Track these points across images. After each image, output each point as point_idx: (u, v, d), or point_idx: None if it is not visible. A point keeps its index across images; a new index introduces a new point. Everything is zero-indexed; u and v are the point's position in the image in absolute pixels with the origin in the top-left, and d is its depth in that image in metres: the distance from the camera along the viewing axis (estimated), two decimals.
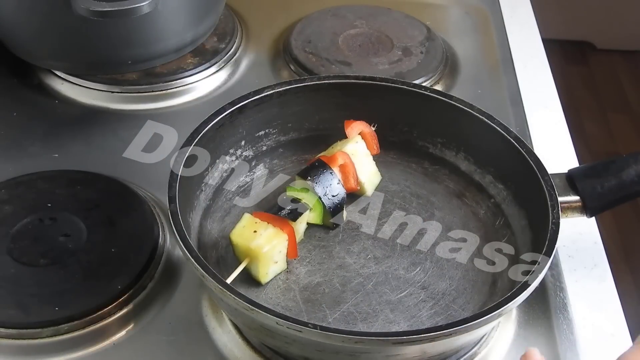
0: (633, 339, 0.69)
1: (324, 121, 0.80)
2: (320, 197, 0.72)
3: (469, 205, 0.77)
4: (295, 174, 0.75)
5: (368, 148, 0.78)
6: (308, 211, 0.71)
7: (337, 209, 0.73)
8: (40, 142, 0.85)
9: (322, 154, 0.77)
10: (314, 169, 0.73)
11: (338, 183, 0.73)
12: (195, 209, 0.71)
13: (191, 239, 0.63)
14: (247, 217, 0.69)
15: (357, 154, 0.76)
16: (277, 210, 0.70)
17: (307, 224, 0.72)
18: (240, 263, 0.67)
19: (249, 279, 0.68)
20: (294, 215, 0.69)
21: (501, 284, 0.69)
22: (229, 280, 0.63)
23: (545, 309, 0.71)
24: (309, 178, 0.72)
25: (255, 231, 0.67)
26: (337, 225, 0.73)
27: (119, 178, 0.78)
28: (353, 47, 1.00)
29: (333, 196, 0.73)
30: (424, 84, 0.94)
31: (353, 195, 0.76)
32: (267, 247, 0.66)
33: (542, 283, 0.71)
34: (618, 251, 2.05)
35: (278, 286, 0.68)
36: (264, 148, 0.79)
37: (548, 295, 0.72)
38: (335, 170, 0.74)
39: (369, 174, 0.77)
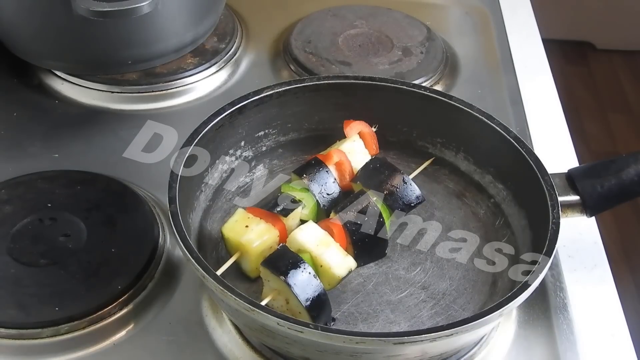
0: (633, 339, 0.69)
1: (324, 121, 0.80)
2: (314, 195, 0.72)
3: (469, 205, 0.77)
4: None
5: (367, 148, 0.78)
6: (301, 208, 0.71)
7: (331, 206, 0.73)
8: (40, 142, 0.85)
9: (320, 154, 0.77)
10: (310, 167, 0.73)
11: (334, 181, 0.73)
12: (195, 209, 0.71)
13: (191, 240, 0.63)
14: (240, 212, 0.69)
15: (354, 152, 0.76)
16: (272, 207, 0.70)
17: (300, 220, 0.72)
18: (230, 255, 0.68)
19: (251, 278, 0.68)
20: (286, 211, 0.69)
21: (501, 284, 0.69)
22: (219, 273, 0.63)
23: (545, 309, 0.71)
24: (305, 175, 0.73)
25: (247, 226, 0.67)
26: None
27: (119, 178, 0.78)
28: (353, 47, 1.00)
29: (328, 194, 0.73)
30: (424, 84, 0.94)
31: (348, 193, 0.76)
32: (257, 242, 0.66)
33: (542, 283, 0.71)
34: (618, 251, 2.05)
35: None
36: (264, 148, 0.79)
37: (548, 295, 0.72)
38: (331, 168, 0.74)
39: None
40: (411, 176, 0.75)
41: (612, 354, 0.68)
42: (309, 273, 0.63)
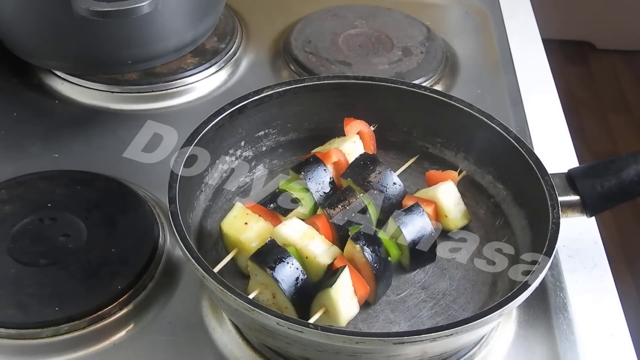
0: (633, 339, 0.69)
1: (324, 121, 0.80)
2: (312, 193, 0.72)
3: (469, 205, 0.77)
4: None
5: (365, 148, 0.78)
6: (300, 207, 0.71)
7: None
8: (40, 142, 0.85)
9: (317, 149, 0.77)
10: (308, 165, 0.73)
11: (331, 180, 0.73)
12: (195, 209, 0.71)
13: (191, 240, 0.63)
14: (238, 207, 0.69)
15: (354, 154, 0.76)
16: (268, 202, 0.70)
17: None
18: (228, 252, 0.68)
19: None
20: (285, 210, 0.69)
21: (501, 284, 0.69)
22: (216, 269, 0.63)
23: (545, 309, 0.71)
24: (302, 173, 0.73)
25: (246, 223, 0.67)
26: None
27: (119, 178, 0.78)
28: (353, 47, 1.00)
29: (325, 193, 0.73)
30: (424, 84, 0.94)
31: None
32: (255, 242, 0.66)
33: (542, 283, 0.70)
34: (618, 251, 2.05)
35: None
36: (264, 148, 0.79)
37: (548, 295, 0.72)
38: (329, 167, 0.74)
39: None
40: (398, 172, 0.75)
41: (612, 354, 0.68)
42: (297, 269, 0.63)
